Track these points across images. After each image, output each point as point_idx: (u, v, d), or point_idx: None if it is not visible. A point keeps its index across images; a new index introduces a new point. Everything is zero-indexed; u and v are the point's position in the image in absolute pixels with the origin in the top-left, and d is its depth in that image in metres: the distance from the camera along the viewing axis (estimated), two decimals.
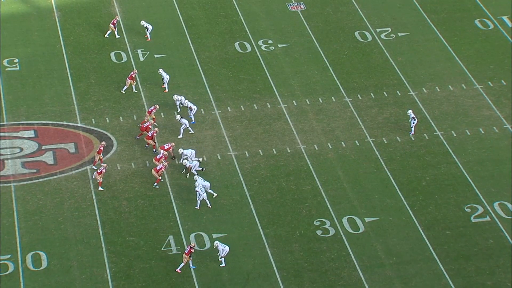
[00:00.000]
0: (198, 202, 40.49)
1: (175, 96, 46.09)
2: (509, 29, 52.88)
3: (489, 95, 47.91)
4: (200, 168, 42.43)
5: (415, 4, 55.06)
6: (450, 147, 44.50)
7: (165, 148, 42.80)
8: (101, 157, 42.73)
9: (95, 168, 42.20)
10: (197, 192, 40.37)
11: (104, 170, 41.37)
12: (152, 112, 44.82)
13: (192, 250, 37.22)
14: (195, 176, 41.08)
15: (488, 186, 42.14)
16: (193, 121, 45.42)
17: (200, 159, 42.91)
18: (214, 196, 40.95)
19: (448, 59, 50.61)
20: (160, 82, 47.93)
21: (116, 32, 51.88)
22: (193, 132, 44.69)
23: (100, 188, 41.50)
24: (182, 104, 45.91)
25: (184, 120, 44.41)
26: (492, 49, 51.40)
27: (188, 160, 42.21)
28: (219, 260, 37.36)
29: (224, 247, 37.37)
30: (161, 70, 47.77)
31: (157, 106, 45.39)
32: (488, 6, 54.77)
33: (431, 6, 54.86)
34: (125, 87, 47.70)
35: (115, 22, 51.87)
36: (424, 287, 37.34)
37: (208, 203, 40.55)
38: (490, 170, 43.08)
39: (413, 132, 44.79)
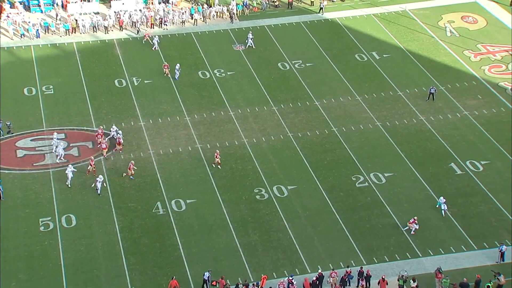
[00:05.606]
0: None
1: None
2: (377, 60, 53.33)
3: (366, 103, 48.37)
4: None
5: (316, 44, 55.41)
6: (341, 138, 44.82)
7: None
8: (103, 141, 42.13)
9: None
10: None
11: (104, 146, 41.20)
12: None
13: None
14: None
15: (366, 163, 42.64)
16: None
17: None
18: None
19: (339, 80, 50.94)
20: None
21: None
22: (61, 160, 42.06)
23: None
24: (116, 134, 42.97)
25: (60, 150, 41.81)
26: (367, 74, 51.79)
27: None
28: None
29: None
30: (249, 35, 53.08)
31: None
32: (363, 45, 55.18)
33: (327, 46, 55.15)
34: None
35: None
36: (327, 230, 37.78)
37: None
38: (367, 152, 43.57)
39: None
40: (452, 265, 35.51)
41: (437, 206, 38.52)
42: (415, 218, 37.44)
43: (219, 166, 41.40)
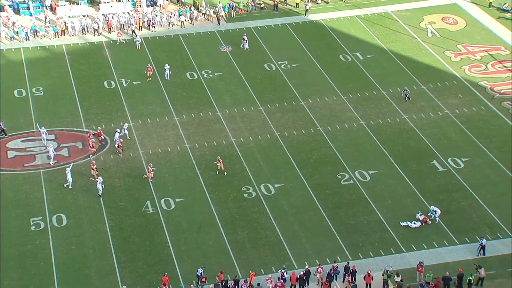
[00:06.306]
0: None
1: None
2: (361, 61, 53.46)
3: (350, 103, 48.47)
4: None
5: (302, 46, 55.49)
6: (327, 137, 44.89)
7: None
8: (101, 139, 42.09)
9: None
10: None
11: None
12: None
13: None
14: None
15: (351, 161, 42.72)
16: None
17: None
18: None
19: (324, 80, 51.01)
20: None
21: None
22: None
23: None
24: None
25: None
26: (351, 74, 51.88)
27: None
28: None
29: None
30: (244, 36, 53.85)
31: None
32: (347, 46, 55.31)
33: (312, 47, 55.21)
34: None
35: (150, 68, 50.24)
36: (314, 226, 37.81)
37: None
38: (352, 151, 43.67)
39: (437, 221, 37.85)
40: (434, 259, 35.70)
41: (429, 214, 37.72)
42: (430, 222, 37.10)
43: (220, 172, 41.04)
